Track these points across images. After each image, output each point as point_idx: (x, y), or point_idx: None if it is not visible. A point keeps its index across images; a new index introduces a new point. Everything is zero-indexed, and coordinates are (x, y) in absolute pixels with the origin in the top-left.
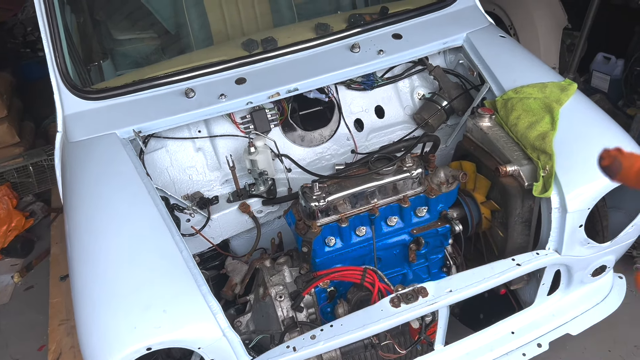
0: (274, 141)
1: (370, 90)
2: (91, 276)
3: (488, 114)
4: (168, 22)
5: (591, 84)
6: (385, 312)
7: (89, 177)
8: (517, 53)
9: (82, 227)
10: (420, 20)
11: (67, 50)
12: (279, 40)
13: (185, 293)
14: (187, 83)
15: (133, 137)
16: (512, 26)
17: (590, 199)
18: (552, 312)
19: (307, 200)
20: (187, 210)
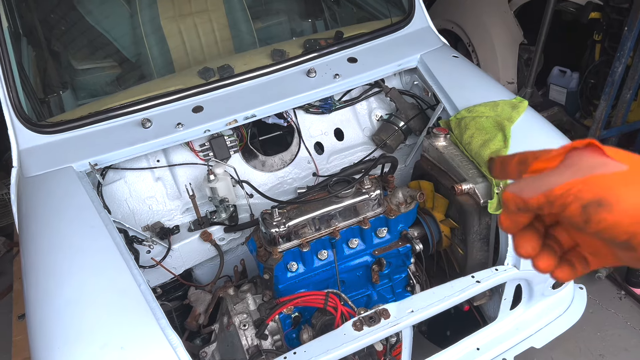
0: (233, 168)
1: (329, 113)
2: (47, 315)
3: (443, 133)
4: (128, 50)
5: (549, 97)
6: (349, 336)
7: (43, 212)
8: (470, 72)
9: (37, 265)
10: (374, 43)
11: (20, 84)
12: (236, 68)
13: (143, 328)
14: (143, 113)
15: (89, 169)
16: (470, 43)
17: None
18: (516, 326)
19: (267, 226)
20: (146, 242)
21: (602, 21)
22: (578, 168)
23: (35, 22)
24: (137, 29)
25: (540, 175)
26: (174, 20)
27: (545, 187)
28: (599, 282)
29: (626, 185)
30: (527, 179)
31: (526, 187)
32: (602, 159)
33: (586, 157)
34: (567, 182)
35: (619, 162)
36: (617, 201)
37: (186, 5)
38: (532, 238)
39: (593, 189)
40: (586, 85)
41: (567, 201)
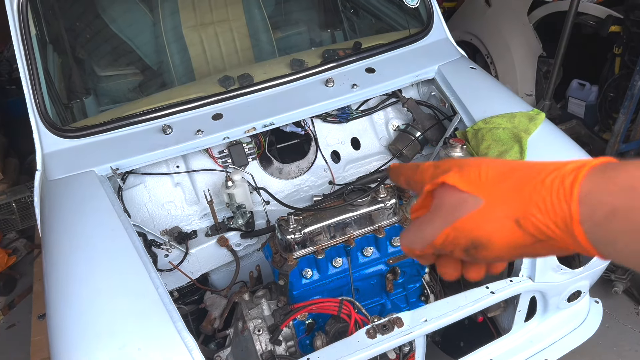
0: (251, 174)
1: (346, 122)
2: (67, 316)
3: (459, 144)
4: (150, 57)
5: (567, 110)
6: (362, 343)
7: (66, 215)
8: (487, 84)
9: (58, 266)
10: (393, 54)
11: (46, 90)
12: (255, 76)
13: (160, 330)
14: (164, 120)
15: (111, 174)
16: (488, 55)
17: None
18: (530, 339)
19: (283, 233)
20: (164, 245)
21: (622, 34)
22: (444, 212)
23: (61, 29)
24: (160, 37)
25: (420, 223)
26: (196, 29)
27: (427, 239)
28: (615, 297)
29: (489, 222)
30: (412, 228)
31: (414, 240)
32: (460, 196)
33: (447, 197)
34: (441, 232)
35: (475, 194)
36: (488, 239)
37: (208, 15)
38: (450, 263)
39: (463, 234)
40: (605, 98)
41: (449, 248)
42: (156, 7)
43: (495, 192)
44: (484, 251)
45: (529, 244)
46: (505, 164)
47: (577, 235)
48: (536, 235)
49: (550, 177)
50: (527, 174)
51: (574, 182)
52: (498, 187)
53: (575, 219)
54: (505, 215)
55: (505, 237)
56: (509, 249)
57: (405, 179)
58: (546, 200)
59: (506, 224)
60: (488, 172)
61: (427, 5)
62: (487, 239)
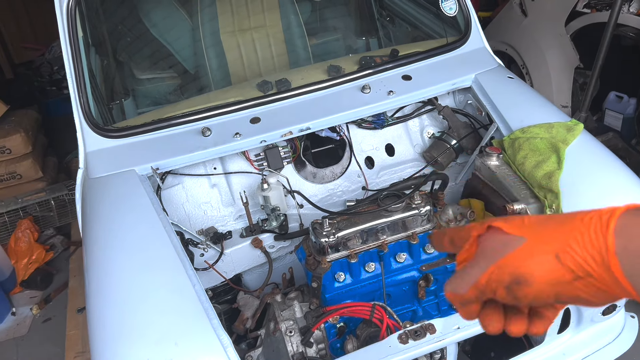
0: (286, 178)
1: (381, 129)
2: (106, 309)
3: (496, 153)
4: (188, 62)
5: (604, 123)
6: (393, 348)
7: (107, 212)
8: (525, 93)
9: (99, 261)
10: (429, 62)
11: (90, 91)
12: (293, 82)
13: (197, 326)
14: (203, 122)
15: (151, 173)
16: (524, 66)
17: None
18: (563, 351)
19: (317, 236)
20: (200, 245)
21: None
22: (490, 254)
23: (104, 32)
24: (198, 42)
25: (466, 268)
26: (233, 34)
27: (472, 280)
28: None
29: (531, 257)
30: (458, 275)
31: (459, 284)
32: (504, 237)
33: (491, 240)
34: (485, 271)
35: (518, 234)
36: (531, 274)
37: (245, 21)
38: (493, 315)
39: (507, 270)
40: None
41: (493, 287)
42: (196, 13)
43: (537, 231)
44: (525, 288)
45: (568, 280)
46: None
47: (612, 266)
48: (575, 270)
49: (589, 216)
50: (567, 216)
51: (611, 218)
52: (540, 227)
53: (611, 250)
54: (546, 250)
55: (546, 272)
56: (549, 285)
57: (450, 238)
58: (584, 233)
59: (547, 259)
60: (531, 218)
61: (464, 14)
62: (529, 274)
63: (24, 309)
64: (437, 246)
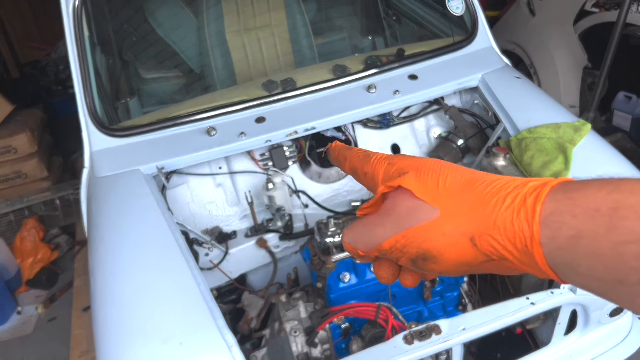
0: (291, 178)
1: (387, 129)
2: (111, 309)
3: (502, 153)
4: (193, 61)
5: (612, 123)
6: (399, 349)
7: (112, 211)
8: (532, 93)
9: (103, 261)
10: (436, 61)
11: (96, 90)
12: (298, 81)
13: (202, 326)
14: (208, 122)
15: (156, 173)
16: (532, 65)
17: None
18: (569, 353)
19: (322, 236)
20: (205, 244)
21: None
22: (396, 217)
23: (109, 32)
24: (204, 41)
25: (369, 223)
26: (239, 34)
27: (375, 241)
28: None
29: (443, 236)
30: (359, 227)
31: (360, 238)
32: (415, 203)
33: (400, 201)
34: (390, 237)
35: (431, 203)
36: (440, 253)
37: (251, 20)
38: (388, 265)
39: (414, 244)
40: None
41: (396, 255)
42: (201, 12)
43: (452, 204)
44: (432, 264)
45: (480, 262)
46: (465, 173)
47: (537, 256)
48: (490, 254)
49: (512, 195)
50: (488, 189)
51: (536, 202)
52: (456, 200)
53: (536, 240)
54: (461, 231)
55: (457, 254)
56: (458, 264)
57: (351, 166)
58: (506, 220)
59: (460, 240)
60: (447, 180)
61: (471, 13)
62: (437, 252)
63: (29, 308)
64: (334, 162)
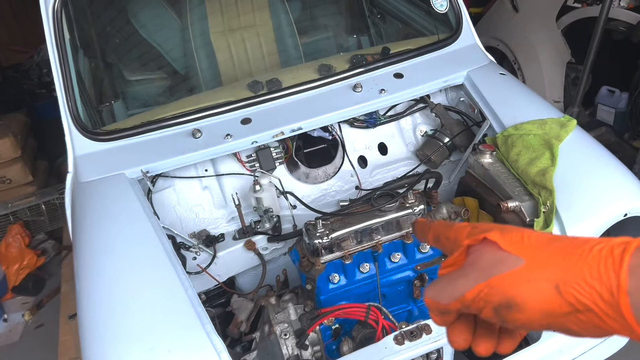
0: (279, 179)
1: (373, 127)
2: (98, 316)
3: (489, 150)
4: (178, 63)
5: (597, 117)
6: (389, 349)
7: (97, 216)
8: (517, 90)
9: (89, 267)
10: (421, 59)
11: (78, 94)
12: (284, 81)
13: (190, 332)
14: (194, 124)
15: (141, 177)
16: (516, 61)
17: (592, 235)
18: (560, 348)
19: (311, 237)
20: (193, 248)
21: None
22: (480, 267)
23: (92, 34)
24: (188, 42)
25: (452, 277)
26: (223, 34)
27: (458, 292)
28: None
29: (528, 283)
30: (442, 282)
31: (442, 291)
32: (500, 255)
33: (485, 254)
34: (474, 287)
35: (516, 254)
36: (524, 301)
37: (235, 20)
38: (463, 330)
39: (498, 291)
40: (636, 105)
41: (480, 306)
42: (185, 13)
43: (537, 254)
44: (516, 313)
45: (565, 313)
46: (548, 234)
47: (623, 307)
48: (574, 304)
49: (598, 247)
50: (573, 242)
51: (624, 253)
52: (541, 251)
53: (623, 289)
54: (546, 278)
55: (541, 302)
56: (542, 315)
57: (435, 235)
58: (592, 267)
59: (545, 287)
60: (531, 236)
61: (455, 11)
62: (522, 299)
63: (15, 315)
64: (419, 236)
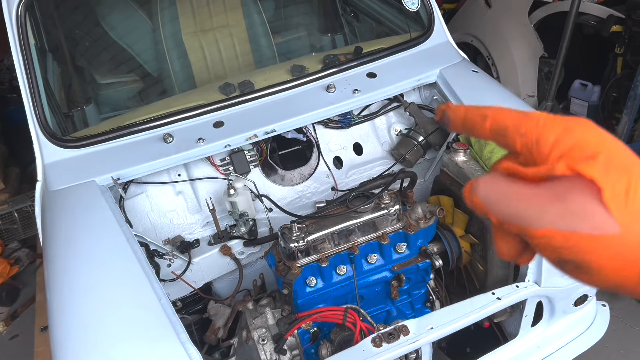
0: (253, 182)
1: (348, 128)
2: (69, 328)
3: (462, 148)
4: (150, 65)
5: (570, 111)
6: (367, 352)
7: (66, 226)
8: (490, 87)
9: (59, 279)
10: (394, 58)
11: (45, 100)
12: (256, 83)
13: (164, 342)
14: (165, 128)
15: (112, 184)
16: (490, 56)
17: None
18: (537, 344)
19: (287, 241)
20: (167, 255)
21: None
22: (565, 209)
23: (60, 38)
24: (160, 44)
25: (521, 192)
26: (196, 35)
27: (523, 219)
28: (622, 300)
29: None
30: (505, 187)
31: (502, 201)
32: (594, 206)
33: (576, 193)
34: (547, 228)
35: (614, 214)
36: (600, 269)
37: (207, 21)
38: (515, 242)
39: (575, 249)
40: (608, 98)
41: (542, 246)
42: (156, 14)
43: (636, 225)
44: (584, 274)
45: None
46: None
47: None
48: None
49: None
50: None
51: None
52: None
53: None
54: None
55: (619, 276)
56: (613, 284)
57: (498, 124)
58: None
59: (630, 268)
60: (638, 188)
61: (427, 9)
62: (599, 267)
63: None
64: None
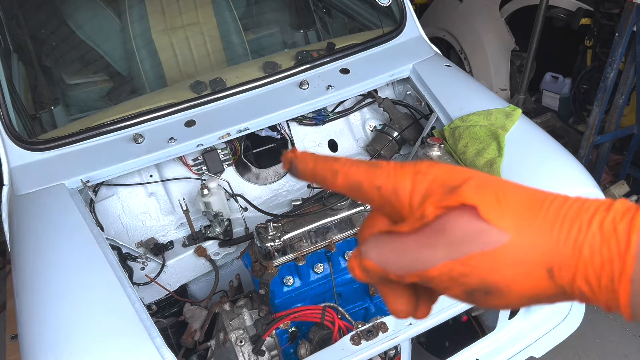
0: (227, 181)
1: (323, 124)
2: (39, 336)
3: (437, 143)
4: (119, 64)
5: (542, 103)
6: (347, 350)
7: (35, 231)
8: (462, 81)
9: (29, 284)
10: (367, 53)
11: (10, 102)
12: (228, 81)
13: (138, 347)
14: (135, 128)
15: (82, 187)
16: (462, 51)
17: None
18: (515, 336)
19: (262, 240)
20: (140, 258)
21: (592, 27)
22: (451, 239)
23: (25, 38)
24: (128, 42)
25: (408, 243)
26: (166, 33)
27: (418, 265)
28: None
29: (515, 266)
30: (391, 245)
31: (394, 258)
32: (477, 225)
33: (456, 221)
34: (442, 263)
35: (498, 225)
36: (508, 287)
37: (177, 18)
38: (406, 296)
39: (476, 273)
40: (579, 91)
41: (446, 285)
42: (124, 12)
43: (524, 227)
44: (495, 299)
45: (550, 295)
46: (525, 191)
47: (621, 294)
48: (566, 288)
49: (597, 220)
50: (564, 211)
51: (631, 230)
52: (527, 222)
53: (627, 275)
54: (536, 261)
55: (528, 286)
56: (525, 298)
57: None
58: (594, 250)
59: (535, 271)
60: (506, 195)
61: (399, 4)
62: (506, 285)
63: None
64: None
